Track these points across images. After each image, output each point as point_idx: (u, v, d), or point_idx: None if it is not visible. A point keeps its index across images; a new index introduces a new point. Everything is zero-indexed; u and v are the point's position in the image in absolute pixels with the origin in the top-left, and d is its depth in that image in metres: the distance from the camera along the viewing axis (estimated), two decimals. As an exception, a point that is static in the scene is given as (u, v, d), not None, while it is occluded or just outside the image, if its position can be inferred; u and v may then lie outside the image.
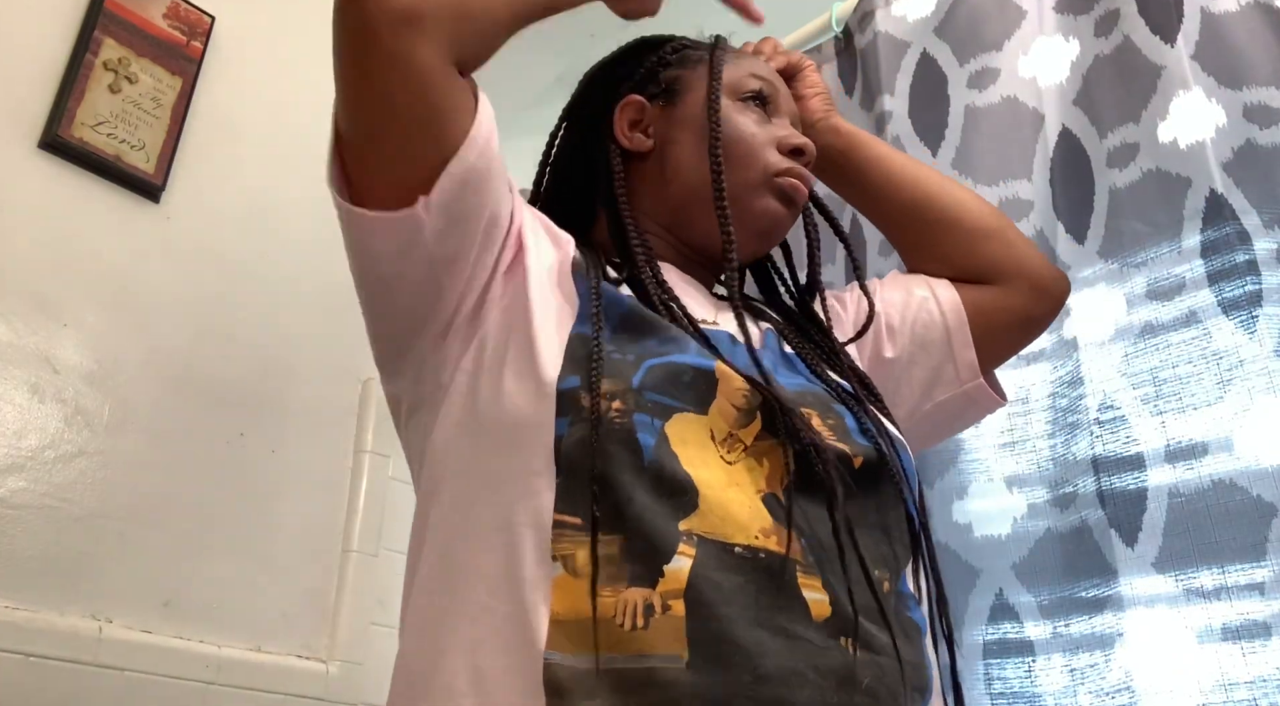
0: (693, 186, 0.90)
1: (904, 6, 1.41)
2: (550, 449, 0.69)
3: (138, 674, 1.25)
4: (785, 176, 0.90)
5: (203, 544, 1.39)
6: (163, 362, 1.43)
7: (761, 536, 0.68)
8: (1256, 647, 0.90)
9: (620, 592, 0.64)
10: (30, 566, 1.23)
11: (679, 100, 0.94)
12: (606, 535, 0.66)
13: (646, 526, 0.66)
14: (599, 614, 0.64)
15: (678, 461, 0.69)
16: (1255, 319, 0.98)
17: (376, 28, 0.69)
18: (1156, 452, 1.01)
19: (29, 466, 1.27)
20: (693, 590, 0.64)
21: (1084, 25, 1.24)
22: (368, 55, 0.71)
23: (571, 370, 0.71)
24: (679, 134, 0.92)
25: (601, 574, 0.65)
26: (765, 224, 0.91)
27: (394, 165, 0.73)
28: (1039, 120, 1.24)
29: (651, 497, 0.67)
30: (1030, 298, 1.00)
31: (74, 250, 1.39)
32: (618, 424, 0.69)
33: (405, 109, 0.72)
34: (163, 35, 1.56)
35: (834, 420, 0.79)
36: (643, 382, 0.71)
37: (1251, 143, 1.05)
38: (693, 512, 0.67)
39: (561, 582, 0.65)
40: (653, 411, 0.70)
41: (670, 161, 0.92)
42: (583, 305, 0.77)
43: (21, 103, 1.41)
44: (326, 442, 1.58)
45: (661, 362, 0.73)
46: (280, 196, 1.64)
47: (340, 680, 1.45)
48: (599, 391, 0.69)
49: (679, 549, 0.66)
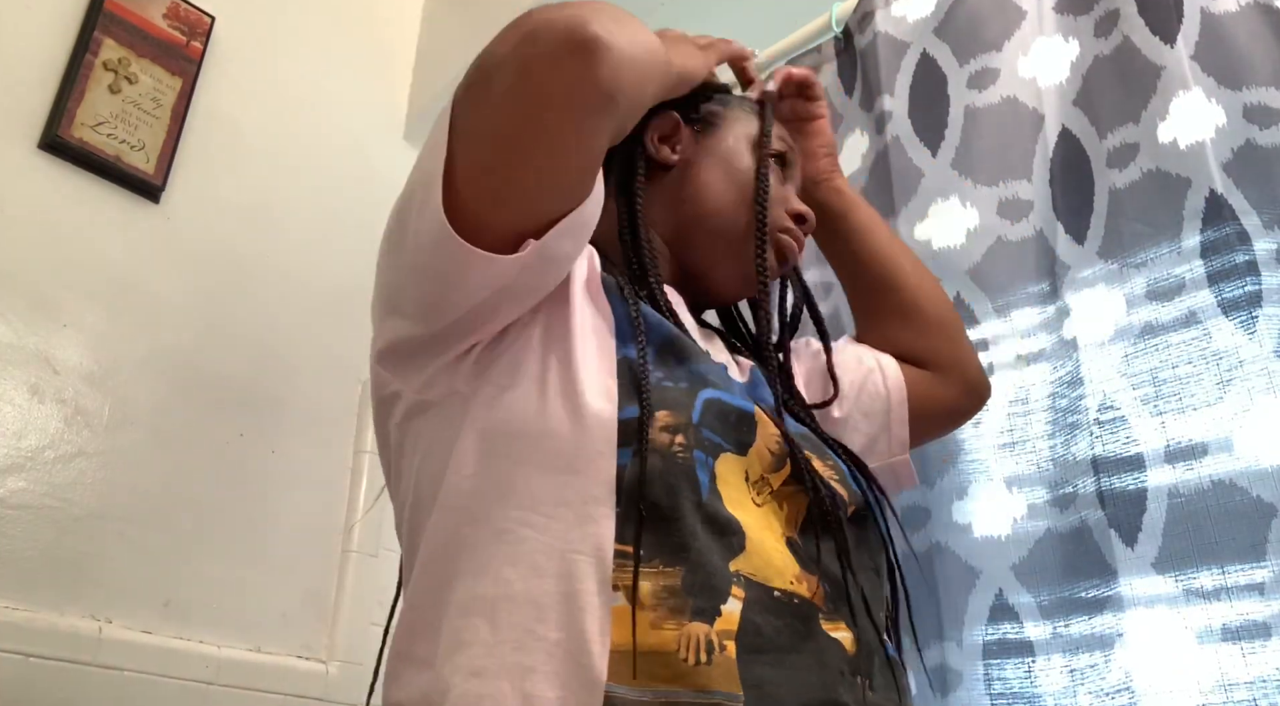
0: (707, 211, 0.94)
1: (904, 7, 1.41)
2: (612, 478, 0.68)
3: (137, 674, 1.26)
4: (787, 234, 0.96)
5: (203, 544, 1.39)
6: (163, 363, 1.43)
7: (795, 582, 0.70)
8: (1256, 648, 0.90)
9: (684, 626, 0.64)
10: (30, 566, 1.23)
11: (714, 132, 0.98)
12: (668, 567, 0.66)
13: (707, 563, 0.67)
14: (662, 646, 0.64)
15: (722, 502, 0.70)
16: (1255, 319, 0.98)
17: (584, 95, 0.69)
18: (1156, 453, 1.01)
19: (29, 466, 1.27)
20: (743, 633, 0.65)
21: (1084, 26, 1.24)
22: (565, 113, 0.70)
23: (630, 398, 0.71)
24: (706, 160, 0.96)
25: (664, 607, 0.65)
26: (757, 274, 0.93)
27: (522, 211, 0.72)
28: (1039, 120, 1.24)
29: (709, 535, 0.68)
30: (961, 392, 1.07)
31: (74, 250, 1.39)
32: (680, 459, 0.69)
33: (560, 168, 0.72)
34: (162, 35, 1.56)
35: (831, 463, 0.82)
36: (701, 419, 0.72)
37: (1251, 143, 1.05)
38: (740, 554, 0.68)
39: (622, 612, 0.65)
40: (708, 449, 0.71)
41: (691, 182, 0.95)
42: (620, 324, 0.77)
43: (21, 103, 1.41)
44: (326, 443, 1.58)
45: (714, 398, 0.74)
46: (280, 196, 1.64)
47: (340, 680, 1.45)
48: (655, 421, 0.70)
49: (732, 590, 0.67)
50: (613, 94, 0.69)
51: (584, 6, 0.71)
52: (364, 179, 1.78)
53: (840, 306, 1.39)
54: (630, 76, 0.70)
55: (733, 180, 0.95)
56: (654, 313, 0.80)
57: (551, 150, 0.70)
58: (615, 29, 0.70)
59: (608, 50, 0.68)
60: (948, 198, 1.27)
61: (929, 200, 1.29)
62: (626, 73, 0.70)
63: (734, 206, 0.94)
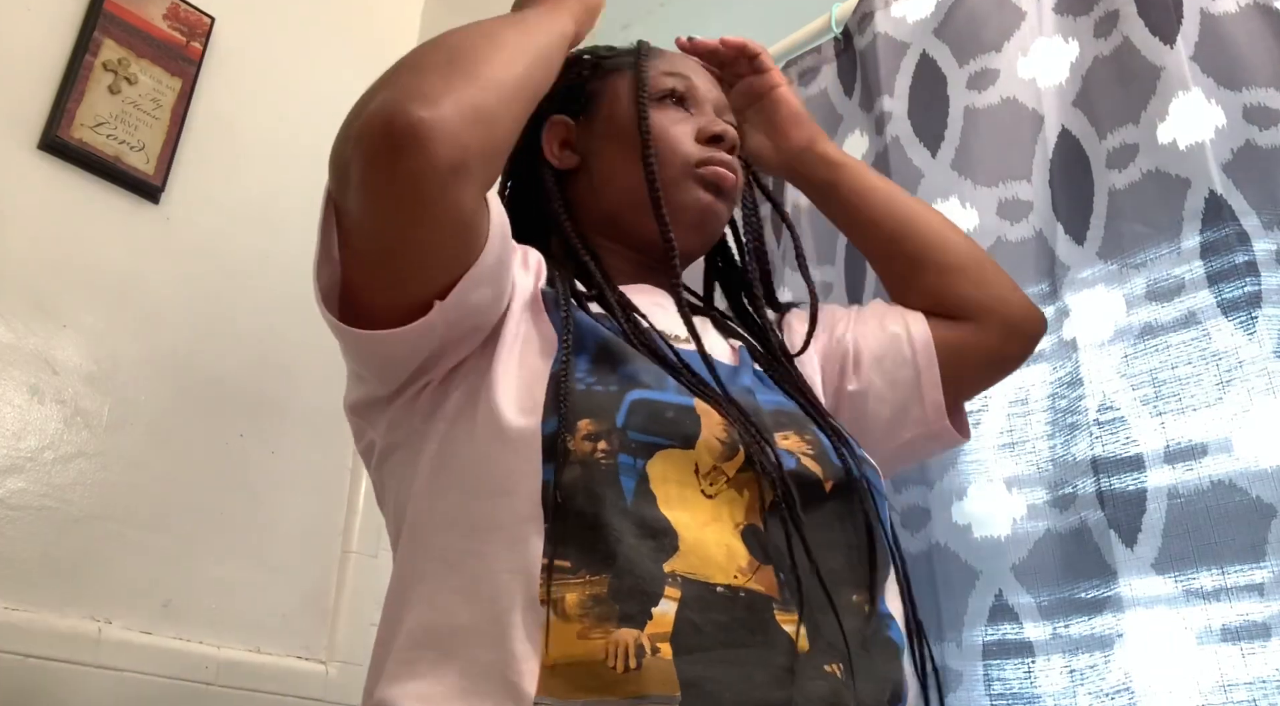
0: (621, 192, 0.91)
1: (903, 8, 1.41)
2: (537, 494, 0.68)
3: (137, 675, 1.26)
4: (707, 166, 0.91)
5: (202, 545, 1.39)
6: (162, 363, 1.43)
7: (740, 575, 0.68)
8: (1256, 648, 0.90)
9: (611, 633, 0.64)
10: (29, 567, 1.23)
11: (596, 112, 0.95)
12: (594, 575, 0.65)
13: (635, 567, 0.65)
14: (589, 656, 0.63)
15: (655, 504, 0.69)
16: (1255, 320, 0.98)
17: (427, 187, 0.67)
18: (1156, 453, 1.01)
19: (28, 467, 1.27)
20: (678, 634, 0.64)
21: (1083, 26, 1.24)
22: (416, 210, 0.68)
23: (551, 411, 0.71)
24: (600, 145, 0.94)
25: (590, 616, 0.64)
26: (694, 216, 0.91)
27: (415, 287, 0.72)
28: (1038, 121, 1.24)
29: (638, 538, 0.67)
30: (1001, 336, 1.00)
31: (73, 251, 1.39)
32: (604, 465, 0.68)
33: (440, 247, 0.71)
34: (162, 36, 1.56)
35: (810, 437, 0.79)
36: (627, 421, 0.70)
37: (1251, 144, 1.05)
38: (674, 554, 0.67)
39: (551, 627, 0.64)
40: (635, 451, 0.70)
41: (597, 173, 0.93)
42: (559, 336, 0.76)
43: (21, 104, 1.41)
44: (326, 443, 1.58)
45: (644, 398, 0.72)
46: (280, 197, 1.64)
47: (339, 681, 1.45)
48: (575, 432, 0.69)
49: (665, 591, 0.65)
50: (458, 164, 0.67)
51: (399, 77, 0.69)
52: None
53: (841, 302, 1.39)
54: (475, 133, 0.68)
55: (625, 146, 0.91)
56: (587, 319, 0.78)
57: (418, 235, 0.70)
58: (440, 90, 0.67)
59: (434, 128, 0.65)
60: (947, 198, 1.27)
61: (929, 201, 1.29)
62: (468, 134, 0.67)
63: (640, 172, 0.89)
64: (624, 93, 0.94)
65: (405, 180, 0.67)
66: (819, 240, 1.42)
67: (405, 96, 0.66)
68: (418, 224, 0.69)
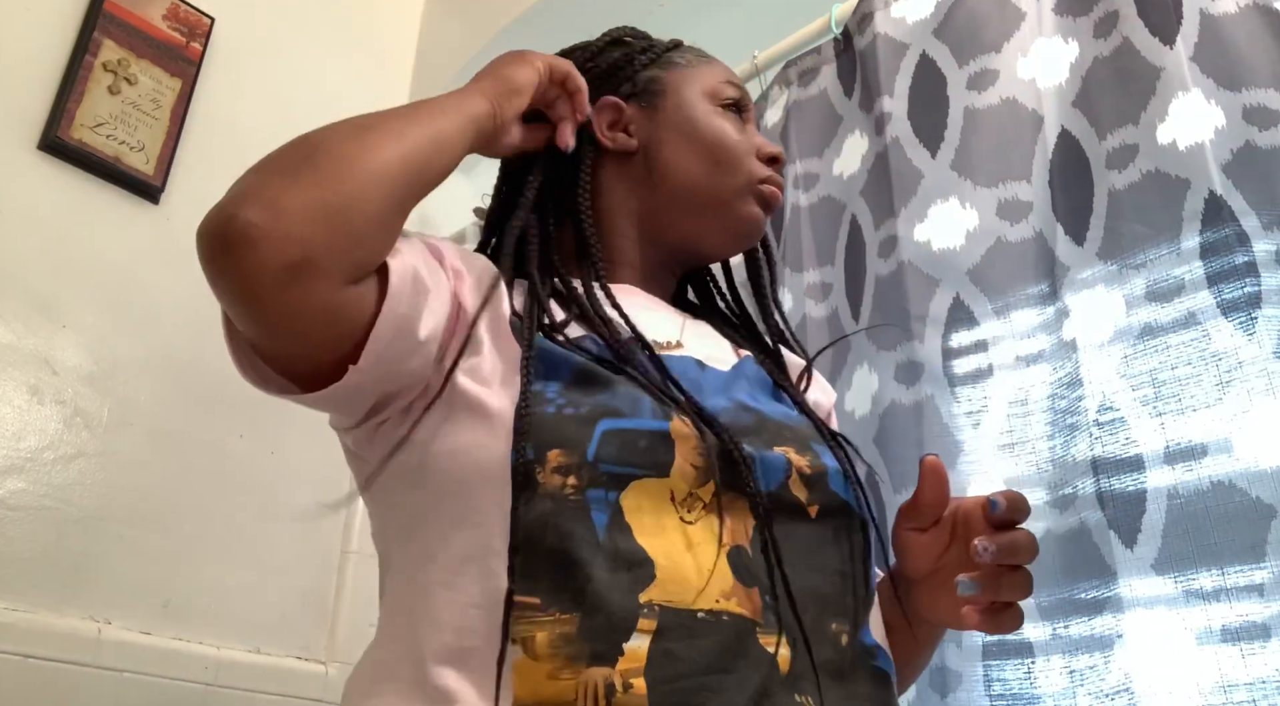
0: (681, 187, 0.91)
1: (903, 8, 1.41)
2: (507, 527, 0.67)
3: (137, 675, 1.25)
4: (767, 184, 0.94)
5: (202, 545, 1.39)
6: (162, 364, 1.43)
7: (723, 599, 0.67)
8: (1256, 649, 0.90)
9: (580, 672, 0.63)
10: (29, 567, 1.23)
11: (661, 102, 0.94)
12: (564, 614, 0.65)
13: (605, 603, 0.65)
14: (558, 698, 0.62)
15: (630, 535, 0.68)
16: (1254, 320, 0.98)
17: (261, 288, 0.65)
18: (1156, 454, 1.01)
19: (28, 468, 1.27)
20: (652, 666, 0.63)
21: (1083, 27, 1.24)
22: (260, 311, 0.68)
23: (521, 440, 0.69)
24: (665, 135, 0.93)
25: (560, 656, 0.63)
26: (747, 228, 0.94)
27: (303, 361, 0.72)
28: (1038, 122, 1.24)
29: (609, 573, 0.66)
30: None
31: (73, 251, 1.39)
32: (572, 500, 0.67)
33: (309, 335, 0.69)
34: (162, 37, 1.56)
35: (810, 457, 0.77)
36: (598, 454, 0.69)
37: (1251, 144, 1.05)
38: (650, 583, 0.66)
39: (520, 666, 0.64)
40: (607, 484, 0.69)
41: (659, 163, 0.92)
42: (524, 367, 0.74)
43: (21, 104, 1.41)
44: (326, 444, 1.57)
45: (616, 428, 0.71)
46: (280, 198, 1.64)
47: (339, 681, 1.45)
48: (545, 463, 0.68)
49: (638, 625, 0.64)
50: (297, 262, 0.65)
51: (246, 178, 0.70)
52: None
53: (839, 306, 1.39)
54: (319, 230, 0.66)
55: (696, 145, 0.92)
56: (558, 349, 0.76)
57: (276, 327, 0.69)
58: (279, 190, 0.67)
59: (263, 230, 0.65)
60: (947, 199, 1.27)
61: (929, 201, 1.29)
62: (309, 231, 0.65)
63: (707, 172, 0.92)
64: (695, 90, 0.95)
65: (239, 280, 0.66)
66: (819, 241, 1.42)
67: (242, 198, 0.67)
68: (267, 318, 0.68)
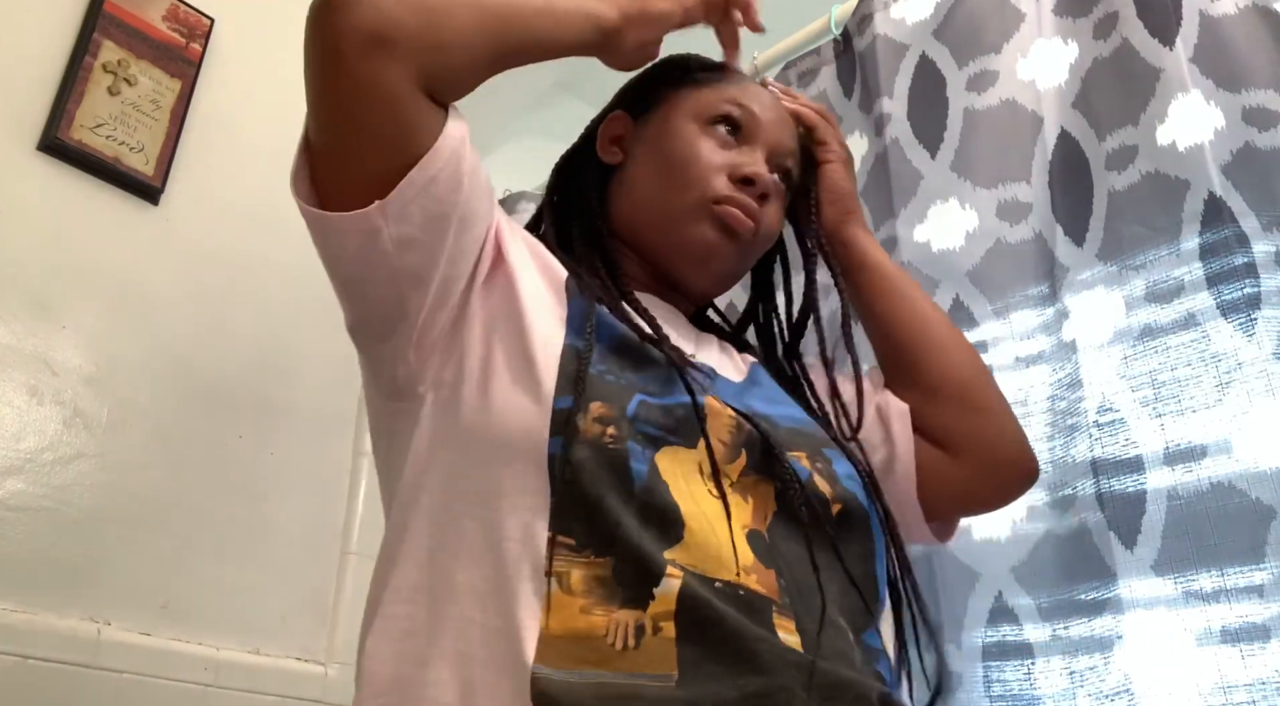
0: (640, 202, 0.91)
1: (903, 9, 1.41)
2: (544, 466, 0.68)
3: (136, 676, 1.25)
4: (724, 205, 0.87)
5: (201, 546, 1.39)
6: (161, 365, 1.43)
7: (743, 573, 0.68)
8: (1255, 650, 0.90)
9: (612, 613, 0.64)
10: (29, 568, 1.23)
11: (651, 115, 0.94)
12: (598, 558, 0.66)
13: (636, 550, 0.66)
14: (590, 631, 0.64)
15: (668, 491, 0.69)
16: (1254, 321, 0.98)
17: (345, 49, 0.69)
18: (1155, 455, 1.01)
19: (28, 468, 1.27)
20: (683, 611, 0.64)
21: (1083, 28, 1.24)
22: (336, 75, 0.71)
23: (566, 388, 0.70)
24: (640, 149, 0.93)
25: (593, 594, 0.65)
26: (699, 251, 0.88)
27: (358, 172, 0.73)
28: (1038, 123, 1.24)
29: (639, 524, 0.67)
30: (976, 475, 0.93)
31: (73, 252, 1.39)
32: (611, 449, 0.69)
33: (370, 126, 0.72)
34: (162, 37, 1.56)
35: (822, 463, 0.79)
36: (635, 413, 0.71)
37: (1250, 145, 1.05)
38: (677, 544, 0.67)
39: (554, 599, 0.65)
40: (643, 441, 0.70)
41: (628, 177, 0.93)
42: (575, 320, 0.76)
43: (20, 105, 1.41)
44: (325, 445, 1.58)
45: (653, 402, 0.73)
46: (279, 198, 1.63)
47: (339, 682, 1.45)
48: (588, 412, 0.69)
49: (667, 571, 0.65)
50: (381, 33, 0.69)
51: None
52: None
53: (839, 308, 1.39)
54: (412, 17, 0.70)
55: (663, 160, 0.89)
56: (607, 314, 0.78)
57: (352, 107, 0.71)
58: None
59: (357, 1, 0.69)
60: (947, 200, 1.27)
61: (928, 202, 1.29)
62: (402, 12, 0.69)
63: (661, 188, 0.88)
64: (686, 107, 0.92)
65: (328, 37, 0.70)
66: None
67: None
68: (340, 84, 0.71)
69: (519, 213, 1.85)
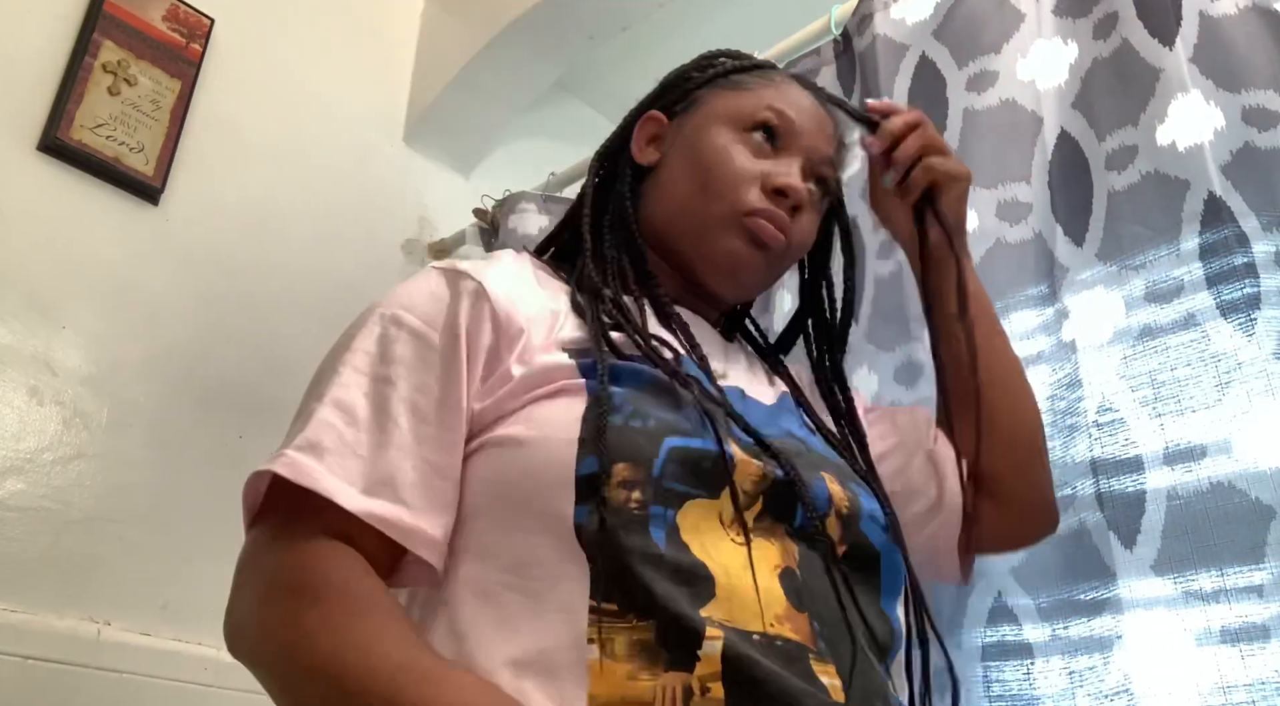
0: (670, 208, 0.89)
1: (903, 9, 1.41)
2: (572, 535, 0.67)
3: (136, 676, 1.25)
4: (754, 216, 0.85)
5: (201, 546, 1.39)
6: (161, 365, 1.43)
7: (776, 623, 0.67)
8: (1255, 650, 0.90)
9: (659, 676, 0.63)
10: (29, 568, 1.23)
11: (687, 120, 0.92)
12: (641, 621, 0.65)
13: (675, 613, 0.65)
14: (638, 698, 0.63)
15: (689, 551, 0.68)
16: (1254, 322, 0.98)
17: None
18: (1155, 455, 1.01)
19: (28, 469, 1.27)
20: (729, 671, 0.63)
21: (1082, 28, 1.24)
22: None
23: (588, 450, 0.69)
24: (674, 153, 0.91)
25: (639, 659, 0.64)
26: (727, 263, 0.86)
27: None
28: (1037, 123, 1.24)
29: (672, 585, 0.66)
30: (1014, 524, 0.96)
31: (73, 252, 1.39)
32: (635, 515, 0.67)
33: None
34: (162, 38, 1.56)
35: (850, 494, 0.78)
36: (663, 470, 0.69)
37: (1250, 146, 1.05)
38: (710, 600, 0.66)
39: (598, 667, 0.64)
40: (667, 501, 0.69)
41: (661, 180, 0.91)
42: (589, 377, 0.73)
43: (20, 105, 1.41)
44: (325, 445, 1.58)
45: (682, 446, 0.71)
46: (279, 198, 1.64)
47: (339, 682, 1.45)
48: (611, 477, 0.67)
49: (707, 633, 0.65)
50: None
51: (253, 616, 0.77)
52: (363, 181, 1.78)
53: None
54: None
55: (696, 167, 0.87)
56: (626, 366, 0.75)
57: None
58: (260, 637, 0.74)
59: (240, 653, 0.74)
60: (947, 200, 1.27)
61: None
62: None
63: (693, 196, 0.86)
64: (722, 110, 0.90)
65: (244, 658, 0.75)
66: (818, 242, 1.42)
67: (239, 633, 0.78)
68: None
69: (519, 212, 1.85)
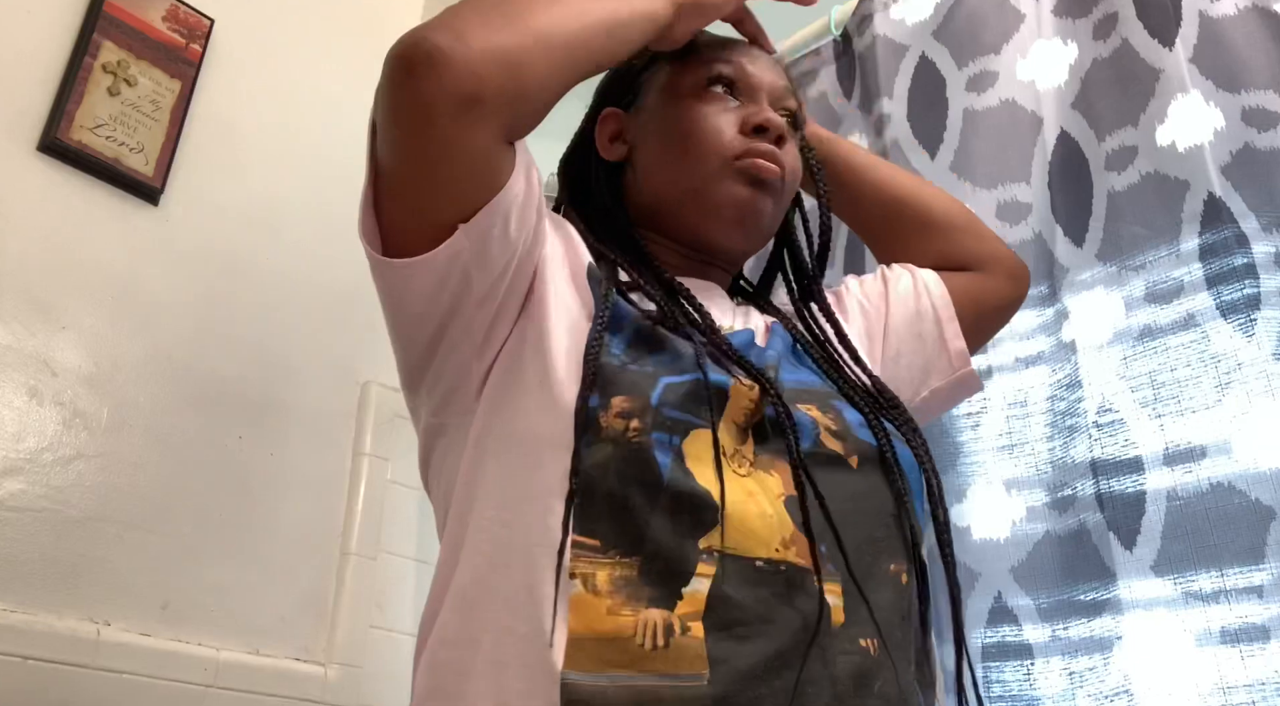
0: (661, 186, 0.90)
1: (903, 10, 1.41)
2: (568, 468, 0.68)
3: (136, 676, 1.25)
4: (745, 157, 0.86)
5: (201, 546, 1.39)
6: (161, 365, 1.43)
7: (782, 548, 0.68)
8: (1255, 651, 0.90)
9: (640, 612, 0.64)
10: (28, 569, 1.23)
11: (640, 102, 0.94)
12: (625, 558, 0.66)
13: (664, 549, 0.66)
14: (618, 632, 0.64)
15: (694, 479, 0.69)
16: (1253, 322, 0.98)
17: (437, 113, 0.69)
18: (1155, 456, 1.01)
19: (27, 469, 1.27)
20: (711, 612, 0.65)
21: (1082, 28, 1.24)
22: (426, 137, 0.70)
23: (589, 386, 0.71)
24: (643, 137, 0.93)
25: (620, 595, 0.65)
26: (733, 212, 0.87)
27: (435, 217, 0.73)
28: (1037, 123, 1.24)
29: (669, 518, 0.67)
30: (1007, 281, 1.05)
31: (73, 253, 1.39)
32: (635, 443, 0.69)
33: (457, 178, 0.72)
34: (162, 38, 1.56)
35: (833, 415, 0.79)
36: (662, 399, 0.71)
37: (1250, 146, 1.05)
38: (713, 529, 0.67)
39: (579, 601, 0.65)
40: (671, 428, 0.70)
41: (640, 166, 0.92)
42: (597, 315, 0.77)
43: (20, 105, 1.41)
44: (325, 445, 1.58)
45: (679, 381, 0.73)
46: (279, 199, 1.64)
47: (338, 683, 1.45)
48: (609, 408, 0.70)
49: (697, 569, 0.66)
50: (471, 96, 0.68)
51: (445, 13, 0.72)
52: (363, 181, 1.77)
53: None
54: (496, 73, 0.70)
55: (671, 139, 0.89)
56: (625, 305, 0.79)
57: (428, 162, 0.71)
58: (472, 26, 0.70)
59: (450, 58, 0.68)
60: (946, 200, 1.27)
61: (928, 203, 1.29)
62: (488, 70, 0.69)
63: (677, 165, 0.88)
64: (672, 82, 0.92)
65: (416, 103, 0.69)
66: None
67: (437, 27, 0.70)
68: (426, 150, 0.71)
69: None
